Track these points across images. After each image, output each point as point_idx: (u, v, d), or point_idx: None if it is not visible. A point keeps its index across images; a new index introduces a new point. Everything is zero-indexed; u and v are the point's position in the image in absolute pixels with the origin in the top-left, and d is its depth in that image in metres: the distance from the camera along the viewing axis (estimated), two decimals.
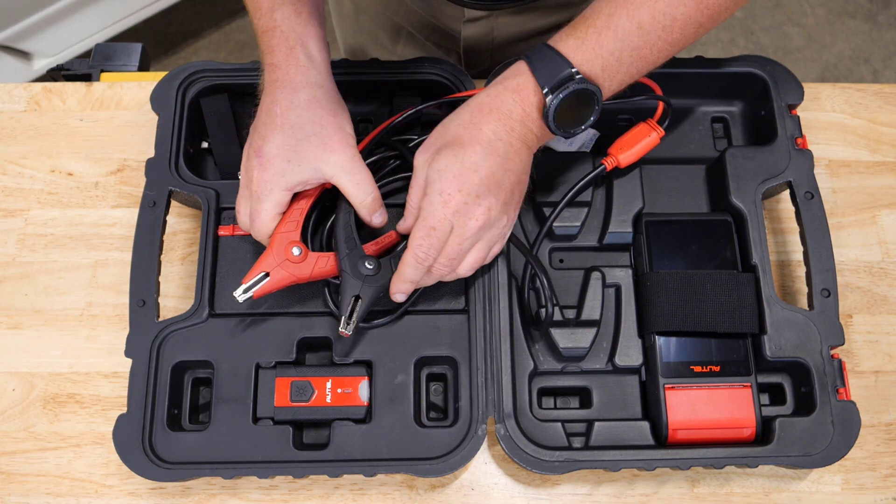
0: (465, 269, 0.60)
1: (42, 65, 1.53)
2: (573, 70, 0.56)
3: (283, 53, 0.60)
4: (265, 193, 0.59)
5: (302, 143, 0.59)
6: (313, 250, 0.63)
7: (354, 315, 0.61)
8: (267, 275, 0.61)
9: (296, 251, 0.61)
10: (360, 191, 0.60)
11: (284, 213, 0.62)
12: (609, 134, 0.74)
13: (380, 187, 0.63)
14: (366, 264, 0.61)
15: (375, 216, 0.63)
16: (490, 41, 0.82)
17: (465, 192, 0.56)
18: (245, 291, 0.60)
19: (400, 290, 0.61)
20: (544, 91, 0.56)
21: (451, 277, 0.61)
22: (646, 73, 0.60)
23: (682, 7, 0.56)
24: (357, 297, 0.61)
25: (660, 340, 0.64)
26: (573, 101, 0.56)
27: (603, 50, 0.56)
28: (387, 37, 0.90)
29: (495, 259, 0.65)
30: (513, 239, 0.64)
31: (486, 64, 0.86)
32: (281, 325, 0.65)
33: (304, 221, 0.63)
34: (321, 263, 0.62)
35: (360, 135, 0.67)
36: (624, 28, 0.56)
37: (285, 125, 0.59)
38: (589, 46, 0.56)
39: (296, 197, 0.62)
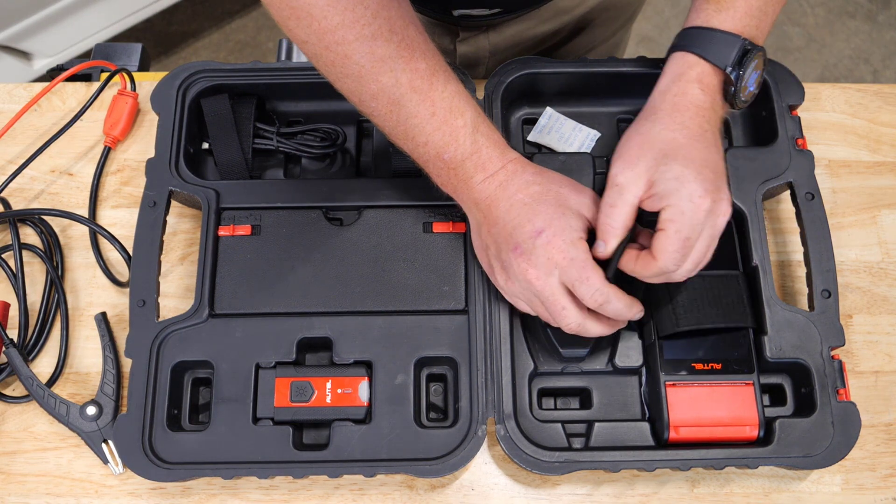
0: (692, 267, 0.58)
1: (42, 65, 1.53)
2: (744, 41, 0.57)
3: (496, 159, 0.58)
4: (579, 260, 0.56)
5: (559, 197, 0.57)
6: None
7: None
8: None
9: None
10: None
11: None
12: (608, 133, 0.74)
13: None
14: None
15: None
16: (485, 55, 0.83)
17: (709, 191, 0.55)
18: None
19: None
20: (728, 70, 0.57)
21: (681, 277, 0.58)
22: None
23: None
24: None
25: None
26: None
27: (753, 9, 0.58)
28: None
29: None
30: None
31: (481, 74, 0.87)
32: (281, 325, 0.65)
33: None
34: None
35: None
36: None
37: (535, 199, 0.57)
38: (741, 12, 0.58)
39: None
